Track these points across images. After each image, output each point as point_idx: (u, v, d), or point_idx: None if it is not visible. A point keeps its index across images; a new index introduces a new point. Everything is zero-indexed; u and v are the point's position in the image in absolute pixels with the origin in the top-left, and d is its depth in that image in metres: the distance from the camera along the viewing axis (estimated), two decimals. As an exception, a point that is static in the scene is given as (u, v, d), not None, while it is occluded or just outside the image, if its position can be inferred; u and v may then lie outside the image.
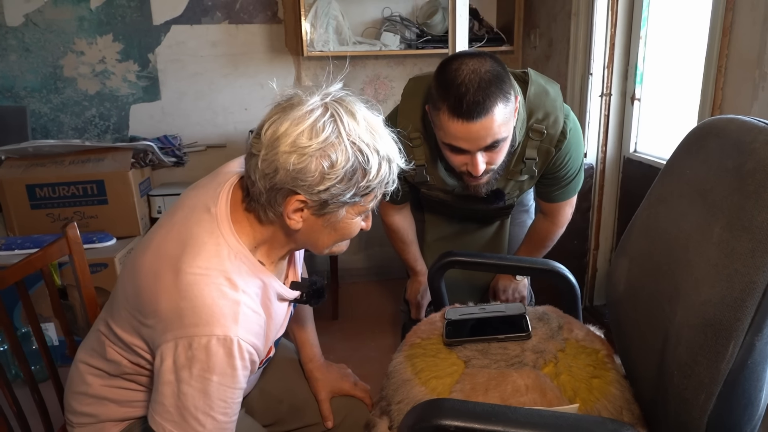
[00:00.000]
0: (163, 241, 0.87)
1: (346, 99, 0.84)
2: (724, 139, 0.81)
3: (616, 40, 2.14)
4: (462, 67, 1.12)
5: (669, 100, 2.05)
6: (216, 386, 0.79)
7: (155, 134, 2.60)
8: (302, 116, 0.79)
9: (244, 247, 0.86)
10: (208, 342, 0.77)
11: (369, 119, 0.83)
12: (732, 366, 0.67)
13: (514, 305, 1.09)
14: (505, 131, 1.15)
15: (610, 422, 0.69)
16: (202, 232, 0.85)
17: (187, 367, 0.78)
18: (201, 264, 0.81)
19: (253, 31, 2.59)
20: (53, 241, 1.22)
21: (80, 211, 2.24)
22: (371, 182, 0.83)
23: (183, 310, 0.78)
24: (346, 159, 0.79)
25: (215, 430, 0.81)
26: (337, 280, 2.60)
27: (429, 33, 2.57)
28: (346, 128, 0.80)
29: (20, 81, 2.47)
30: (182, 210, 0.90)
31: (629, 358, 0.97)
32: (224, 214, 0.87)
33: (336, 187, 0.80)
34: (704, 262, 0.75)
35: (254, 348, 0.82)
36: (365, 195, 0.84)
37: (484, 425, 0.67)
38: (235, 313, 0.80)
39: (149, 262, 0.85)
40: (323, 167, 0.79)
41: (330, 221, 0.86)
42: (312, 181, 0.79)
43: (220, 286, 0.80)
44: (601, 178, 2.29)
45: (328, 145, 0.79)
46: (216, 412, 0.80)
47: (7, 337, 1.11)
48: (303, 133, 0.78)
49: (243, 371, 0.81)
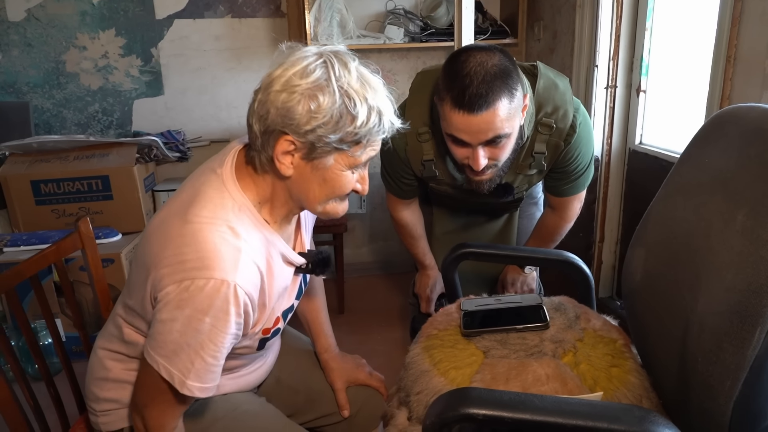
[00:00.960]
0: (172, 201, 0.91)
1: (343, 52, 0.87)
2: (745, 127, 0.81)
3: (621, 32, 2.14)
4: (469, 60, 1.12)
5: (675, 91, 2.05)
6: (208, 328, 0.81)
7: (159, 129, 2.59)
8: (296, 60, 0.84)
9: (249, 201, 0.89)
10: (206, 284, 0.80)
11: (362, 72, 0.86)
12: (758, 352, 0.67)
13: (530, 296, 1.10)
14: (509, 127, 1.15)
15: (637, 409, 0.69)
16: (208, 189, 0.89)
17: (183, 307, 0.81)
18: (206, 214, 0.85)
19: (257, 25, 2.58)
20: (66, 236, 1.22)
21: (85, 206, 2.24)
22: (359, 130, 0.84)
23: (185, 255, 0.81)
24: (332, 101, 0.81)
25: (202, 370, 0.84)
26: (343, 274, 2.60)
27: (433, 26, 2.56)
28: (336, 73, 0.82)
29: (23, 76, 2.46)
30: (191, 179, 0.95)
31: (647, 347, 0.98)
32: (229, 173, 0.90)
33: (322, 128, 0.82)
34: (727, 249, 0.75)
35: (250, 298, 0.85)
36: (354, 144, 0.85)
37: (512, 414, 0.67)
38: (235, 259, 0.83)
39: (159, 219, 0.90)
40: (310, 107, 0.81)
41: (319, 168, 0.87)
42: (299, 120, 0.82)
43: (223, 234, 0.83)
44: (607, 170, 2.30)
45: (316, 87, 0.81)
46: (205, 353, 0.83)
47: (23, 332, 1.11)
48: (295, 74, 0.82)
49: (236, 317, 0.83)
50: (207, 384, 0.85)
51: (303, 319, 1.25)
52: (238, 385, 1.05)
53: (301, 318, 1.25)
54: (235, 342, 0.88)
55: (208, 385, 0.86)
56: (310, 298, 1.22)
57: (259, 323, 0.94)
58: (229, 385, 1.04)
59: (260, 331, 0.96)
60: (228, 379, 1.03)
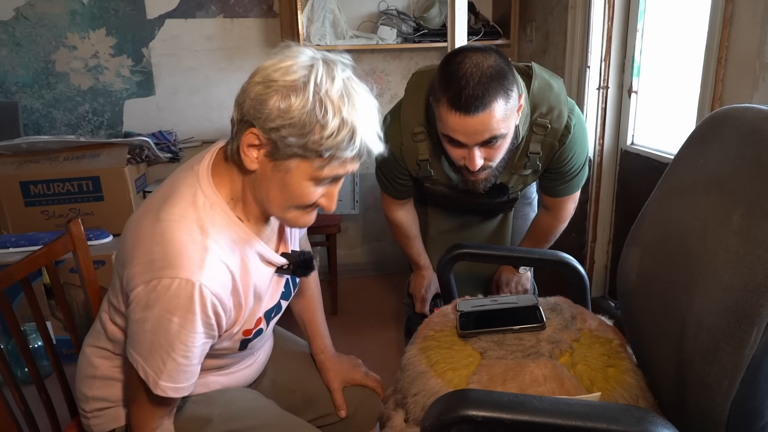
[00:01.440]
0: (150, 198, 0.91)
1: (336, 61, 0.84)
2: (741, 127, 0.81)
3: (613, 33, 2.15)
4: (465, 61, 1.12)
5: (666, 92, 2.06)
6: (176, 328, 0.81)
7: (150, 130, 2.57)
8: (286, 58, 0.82)
9: (221, 198, 0.88)
10: (171, 284, 0.80)
11: (349, 87, 0.82)
12: (755, 351, 0.68)
13: (525, 297, 1.10)
14: (504, 128, 1.15)
15: (636, 410, 0.69)
16: (182, 186, 0.88)
17: (152, 306, 0.81)
18: (177, 212, 0.84)
19: (249, 25, 2.56)
20: (57, 238, 1.20)
21: (75, 208, 2.21)
22: (325, 142, 0.80)
23: (154, 253, 0.82)
24: (303, 105, 0.79)
25: (174, 370, 0.84)
26: (336, 275, 2.59)
27: (426, 27, 2.56)
28: (317, 79, 0.80)
29: (11, 76, 2.43)
30: (171, 176, 0.94)
31: (643, 347, 0.98)
32: (205, 169, 0.90)
33: (287, 129, 0.80)
34: (723, 249, 0.75)
35: (218, 299, 0.84)
36: (317, 155, 0.82)
37: (511, 415, 0.67)
38: (201, 258, 0.82)
39: (136, 217, 0.90)
40: (280, 105, 0.79)
41: (280, 170, 0.84)
42: (267, 115, 0.80)
43: (191, 232, 0.83)
44: (599, 170, 2.31)
45: (291, 87, 0.80)
46: (176, 354, 0.83)
47: (14, 335, 1.09)
48: (277, 70, 0.81)
49: (203, 317, 0.83)
50: (180, 384, 0.85)
51: (299, 319, 1.24)
52: (230, 382, 1.05)
53: (297, 319, 1.25)
54: (210, 342, 0.88)
55: (181, 385, 0.85)
56: (305, 298, 1.22)
57: (236, 324, 0.92)
58: (221, 381, 1.03)
59: (240, 332, 0.95)
60: (219, 375, 1.03)
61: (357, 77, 0.86)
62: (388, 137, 1.38)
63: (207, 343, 0.87)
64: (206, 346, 0.87)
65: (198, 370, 0.88)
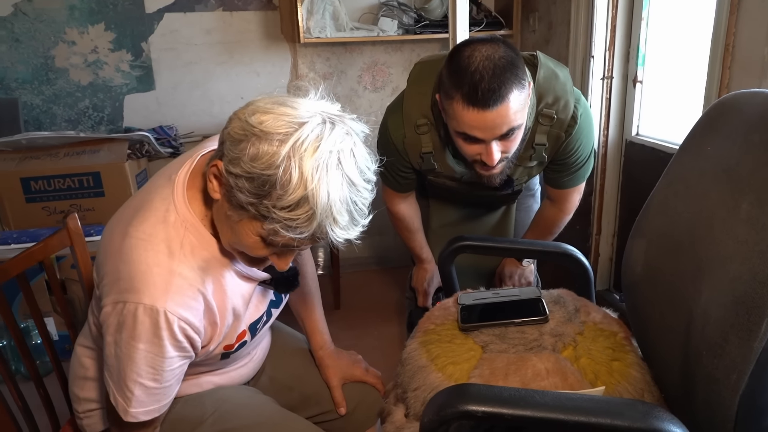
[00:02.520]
0: (126, 204, 0.88)
1: (337, 129, 0.74)
2: (749, 113, 0.79)
3: (617, 22, 2.12)
4: (475, 54, 1.09)
5: (672, 82, 2.03)
6: (143, 354, 0.79)
7: (150, 125, 2.55)
8: (286, 104, 0.75)
9: (194, 215, 0.84)
10: (136, 309, 0.77)
11: (335, 162, 0.72)
12: (765, 344, 0.65)
13: (528, 289, 1.08)
14: (521, 118, 1.13)
15: (641, 404, 0.67)
16: (156, 198, 0.84)
17: (119, 331, 0.79)
18: (146, 229, 0.81)
19: (248, 18, 2.54)
20: (54, 233, 1.19)
21: (76, 203, 2.21)
22: (276, 213, 0.72)
23: (120, 273, 0.79)
24: (268, 164, 0.70)
25: (143, 395, 0.82)
26: (338, 269, 2.57)
27: (427, 18, 2.53)
28: (298, 140, 0.71)
29: (11, 72, 2.42)
30: (151, 180, 0.91)
31: (648, 340, 0.96)
32: (181, 181, 0.85)
33: (242, 182, 0.72)
34: (732, 239, 0.73)
35: (186, 322, 0.80)
36: (263, 216, 0.74)
37: (512, 410, 0.65)
38: (167, 283, 0.79)
39: (111, 223, 0.87)
40: (247, 152, 0.72)
41: (230, 211, 0.77)
42: (232, 157, 0.73)
43: (157, 254, 0.80)
44: (603, 161, 2.28)
45: (267, 138, 0.71)
46: (144, 379, 0.81)
47: (11, 331, 1.08)
48: (267, 113, 0.73)
49: (172, 342, 0.80)
50: (151, 407, 0.84)
51: (297, 316, 1.23)
52: (224, 381, 1.03)
53: (296, 315, 1.23)
54: (187, 362, 0.86)
55: (152, 407, 0.84)
56: (304, 295, 1.20)
57: (212, 342, 0.89)
58: (215, 380, 1.02)
59: (219, 347, 0.92)
60: (213, 375, 1.01)
61: (362, 154, 0.77)
62: (390, 129, 1.36)
63: (184, 363, 0.85)
64: (183, 366, 0.85)
65: (175, 389, 0.86)
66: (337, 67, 2.68)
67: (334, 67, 2.67)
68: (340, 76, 2.69)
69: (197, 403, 0.99)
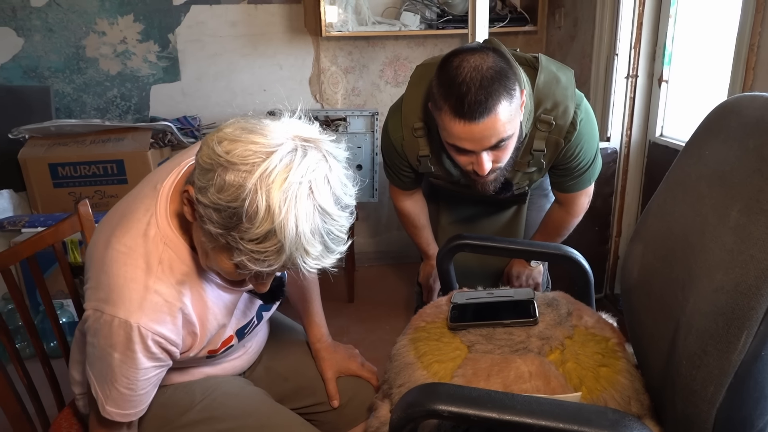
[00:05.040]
0: (115, 209, 0.90)
1: (309, 156, 0.70)
2: (747, 117, 0.76)
3: (644, 19, 2.06)
4: (463, 65, 1.07)
5: (699, 82, 1.96)
6: (118, 363, 0.81)
7: (175, 115, 2.61)
8: (254, 132, 0.71)
9: (174, 230, 0.84)
10: (111, 321, 0.79)
11: (305, 191, 0.69)
12: (744, 357, 0.63)
13: (523, 290, 1.06)
14: (511, 129, 1.11)
15: (612, 412, 0.66)
16: (140, 208, 0.85)
17: (97, 336, 0.82)
18: (127, 242, 0.82)
19: (273, 11, 2.56)
20: (65, 218, 1.23)
21: (101, 190, 2.28)
22: (243, 243, 0.70)
23: (100, 283, 0.81)
24: (233, 197, 0.68)
25: (119, 399, 0.84)
26: (354, 263, 2.59)
27: (450, 12, 2.51)
28: (266, 169, 0.68)
29: (44, 61, 2.50)
30: (140, 184, 0.92)
31: (641, 347, 0.94)
32: (165, 194, 0.85)
33: (209, 211, 0.71)
34: (719, 247, 0.71)
35: (161, 337, 0.82)
36: (232, 246, 0.72)
37: (478, 411, 0.65)
38: (141, 299, 0.80)
39: (99, 226, 0.90)
40: (214, 184, 0.69)
41: (203, 237, 0.76)
42: (199, 186, 0.72)
43: (135, 269, 0.81)
44: (625, 162, 2.23)
45: (234, 169, 0.68)
46: (119, 385, 0.83)
47: (18, 311, 1.13)
48: (235, 143, 0.69)
49: (146, 354, 0.82)
50: (126, 411, 0.86)
51: (296, 308, 1.24)
52: (217, 372, 1.05)
53: (294, 308, 1.24)
54: (164, 369, 0.88)
55: (127, 411, 0.86)
56: (301, 288, 1.21)
57: (193, 349, 0.91)
58: (207, 371, 1.03)
59: (203, 351, 0.94)
60: (205, 367, 1.03)
61: (338, 179, 0.74)
62: (390, 130, 1.36)
63: (160, 372, 0.87)
64: (161, 373, 0.87)
65: (151, 394, 0.88)
66: (359, 62, 2.68)
67: (356, 62, 2.68)
68: (362, 70, 2.69)
69: (187, 390, 1.01)
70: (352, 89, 2.72)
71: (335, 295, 2.58)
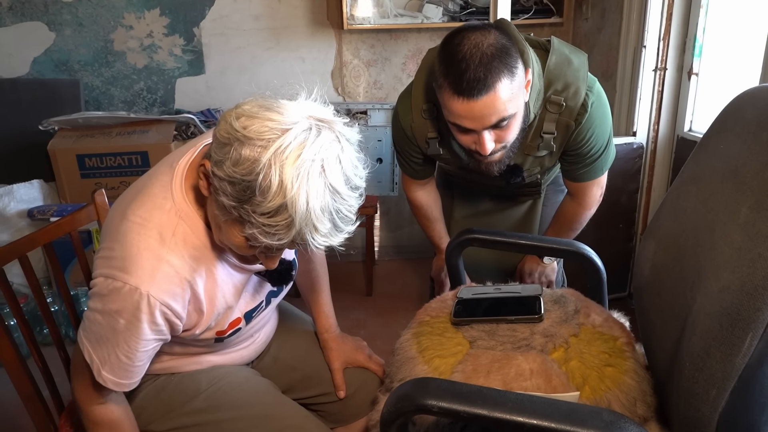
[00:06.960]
0: (132, 186, 0.91)
1: (323, 136, 0.73)
2: (762, 110, 0.72)
3: (674, 10, 1.98)
4: (464, 42, 1.06)
5: (731, 74, 1.88)
6: (123, 328, 0.82)
7: (200, 108, 2.64)
8: (271, 109, 0.73)
9: (189, 205, 0.86)
10: (122, 287, 0.80)
11: (318, 169, 0.72)
12: (749, 361, 0.60)
13: (531, 286, 1.04)
14: (513, 107, 1.09)
15: (608, 413, 0.63)
16: (156, 184, 0.87)
17: (105, 302, 0.82)
18: (142, 214, 0.84)
19: (295, 4, 2.57)
20: (81, 207, 1.26)
21: (126, 181, 2.33)
22: (255, 216, 0.72)
23: (114, 251, 0.82)
24: (248, 171, 0.71)
25: (117, 366, 0.85)
26: (373, 257, 2.58)
27: (473, 4, 2.47)
28: (281, 146, 0.70)
29: (74, 55, 2.56)
30: (159, 164, 0.93)
31: (650, 347, 0.91)
32: (181, 171, 0.87)
33: (224, 184, 0.73)
34: (728, 245, 0.68)
35: (168, 308, 0.83)
36: (244, 220, 0.75)
37: (468, 408, 0.64)
38: (154, 268, 0.81)
39: (116, 202, 0.91)
40: (230, 157, 0.72)
41: (217, 210, 0.78)
42: (216, 159, 0.74)
43: (149, 239, 0.82)
44: (652, 158, 2.16)
45: (250, 143, 0.71)
46: (120, 352, 0.84)
47: (35, 297, 1.16)
48: (253, 117, 0.72)
49: (150, 325, 0.83)
50: (121, 380, 0.87)
51: (304, 299, 1.24)
52: (225, 361, 1.06)
53: (303, 298, 1.25)
54: (160, 343, 0.88)
55: (122, 381, 0.87)
56: (310, 278, 1.21)
57: (198, 327, 0.91)
58: (214, 360, 1.04)
59: (208, 332, 0.94)
60: (213, 355, 1.04)
61: (350, 160, 0.76)
62: (399, 114, 1.35)
63: (157, 345, 0.88)
64: (157, 346, 0.88)
65: (143, 370, 0.89)
66: (382, 54, 2.67)
67: (378, 54, 2.66)
68: (384, 63, 2.68)
69: (194, 378, 1.02)
70: (374, 82, 2.71)
71: (354, 289, 2.58)
